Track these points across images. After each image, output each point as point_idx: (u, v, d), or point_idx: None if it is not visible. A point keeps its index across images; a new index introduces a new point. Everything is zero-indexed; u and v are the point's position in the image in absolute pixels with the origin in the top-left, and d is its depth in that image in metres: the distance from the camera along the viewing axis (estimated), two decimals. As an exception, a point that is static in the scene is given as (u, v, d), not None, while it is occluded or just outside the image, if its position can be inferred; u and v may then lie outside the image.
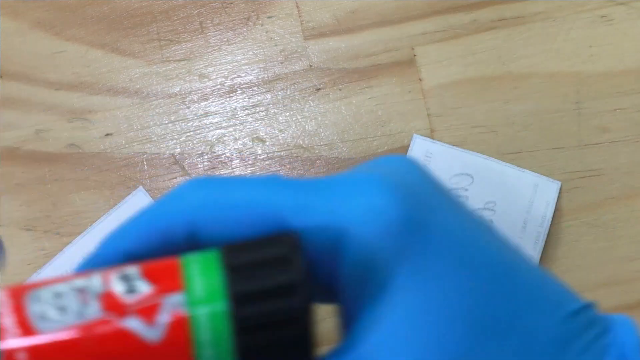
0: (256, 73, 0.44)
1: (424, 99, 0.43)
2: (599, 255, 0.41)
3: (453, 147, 0.41)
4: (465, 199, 0.40)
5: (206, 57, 0.44)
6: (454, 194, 0.23)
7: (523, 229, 0.40)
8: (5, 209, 0.42)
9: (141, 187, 0.42)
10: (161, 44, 0.44)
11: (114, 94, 0.43)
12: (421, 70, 0.43)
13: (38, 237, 0.42)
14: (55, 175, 0.42)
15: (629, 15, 0.43)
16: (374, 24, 0.43)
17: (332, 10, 0.44)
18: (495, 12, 0.43)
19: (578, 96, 0.43)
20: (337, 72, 0.43)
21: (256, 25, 0.44)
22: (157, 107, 0.43)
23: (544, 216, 0.40)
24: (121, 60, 0.44)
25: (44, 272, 0.41)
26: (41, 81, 0.43)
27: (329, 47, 0.43)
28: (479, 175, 0.41)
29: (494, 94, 0.42)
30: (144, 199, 0.42)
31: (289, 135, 0.43)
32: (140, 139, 0.43)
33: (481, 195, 0.41)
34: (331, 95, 0.43)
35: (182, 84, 0.43)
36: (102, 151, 0.43)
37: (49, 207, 0.42)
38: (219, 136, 0.43)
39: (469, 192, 0.40)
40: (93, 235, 0.42)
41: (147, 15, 0.44)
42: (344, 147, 0.43)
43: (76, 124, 0.43)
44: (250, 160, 0.43)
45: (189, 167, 0.43)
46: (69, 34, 0.44)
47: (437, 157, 0.41)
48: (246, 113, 0.43)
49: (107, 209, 0.42)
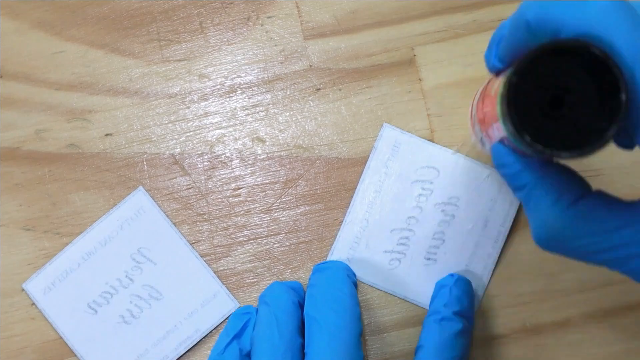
0: (256, 73, 0.43)
1: (424, 99, 0.43)
2: (599, 255, 0.41)
3: (421, 139, 0.42)
4: (429, 192, 0.41)
5: (206, 57, 0.44)
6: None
7: (484, 226, 0.41)
8: (5, 209, 0.42)
9: (141, 187, 0.42)
10: (161, 44, 0.44)
11: (114, 94, 0.43)
12: (421, 70, 0.43)
13: (38, 237, 0.42)
14: (55, 175, 0.42)
15: (629, 15, 0.43)
16: (374, 24, 0.43)
17: (332, 10, 0.44)
18: (495, 12, 0.43)
19: (578, 96, 0.43)
20: (337, 72, 0.43)
21: (256, 25, 0.44)
22: (157, 107, 0.43)
23: (507, 215, 0.40)
24: (121, 60, 0.44)
25: (44, 271, 0.41)
26: (41, 81, 0.43)
27: (329, 47, 0.43)
28: (445, 169, 0.41)
29: (494, 94, 0.42)
30: (144, 199, 0.42)
31: (289, 135, 0.43)
32: (140, 139, 0.43)
33: (446, 189, 0.41)
34: (331, 95, 0.43)
35: (182, 84, 0.43)
36: (102, 151, 0.43)
37: (48, 207, 0.42)
38: (219, 136, 0.43)
39: (433, 185, 0.41)
40: (93, 235, 0.42)
41: (147, 15, 0.44)
42: (344, 147, 0.43)
43: (76, 124, 0.43)
44: (250, 160, 0.43)
45: (189, 167, 0.43)
46: (69, 34, 0.44)
47: (405, 148, 0.41)
48: (246, 113, 0.43)
49: (107, 209, 0.42)
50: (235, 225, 0.42)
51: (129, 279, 0.41)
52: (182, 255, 0.41)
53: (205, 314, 0.41)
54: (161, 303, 0.41)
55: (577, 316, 0.41)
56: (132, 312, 0.41)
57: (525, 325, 0.41)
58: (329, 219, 0.42)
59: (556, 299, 0.41)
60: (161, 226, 0.42)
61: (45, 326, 0.41)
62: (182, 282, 0.41)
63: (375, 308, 0.41)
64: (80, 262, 0.41)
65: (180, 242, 0.42)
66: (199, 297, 0.41)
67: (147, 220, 0.42)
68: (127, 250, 0.41)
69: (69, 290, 0.41)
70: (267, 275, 0.42)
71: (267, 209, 0.42)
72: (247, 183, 0.42)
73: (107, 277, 0.41)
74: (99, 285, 0.41)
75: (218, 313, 0.41)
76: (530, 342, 0.41)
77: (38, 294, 0.41)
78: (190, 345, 0.41)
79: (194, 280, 0.41)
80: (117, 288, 0.41)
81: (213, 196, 0.42)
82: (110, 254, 0.41)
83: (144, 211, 0.42)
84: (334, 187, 0.42)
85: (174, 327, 0.41)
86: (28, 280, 0.41)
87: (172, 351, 0.41)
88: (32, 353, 0.41)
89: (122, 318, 0.41)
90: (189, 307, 0.41)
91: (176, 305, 0.41)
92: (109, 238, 0.41)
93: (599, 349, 0.41)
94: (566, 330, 0.41)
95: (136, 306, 0.41)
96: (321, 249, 0.42)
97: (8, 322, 0.41)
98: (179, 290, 0.41)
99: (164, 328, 0.41)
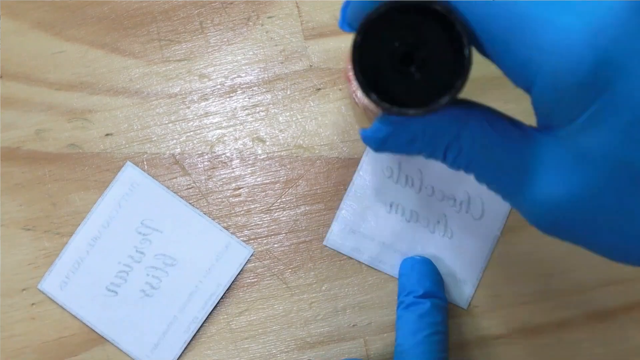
0: (256, 73, 0.43)
1: (424, 99, 0.43)
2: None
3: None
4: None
5: (206, 57, 0.44)
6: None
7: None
8: (5, 209, 0.42)
9: (128, 161, 0.42)
10: (161, 44, 0.44)
11: (114, 94, 0.43)
12: (421, 70, 0.43)
13: (38, 237, 0.42)
14: (55, 175, 0.42)
15: (629, 15, 0.43)
16: (374, 24, 0.43)
17: (332, 10, 0.44)
18: (496, 12, 0.43)
19: (578, 96, 0.43)
20: (337, 72, 0.43)
21: (256, 25, 0.44)
22: (157, 107, 0.43)
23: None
24: (121, 60, 0.44)
25: (55, 268, 0.41)
26: (41, 81, 0.43)
27: (329, 47, 0.43)
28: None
29: (494, 94, 0.42)
30: (134, 172, 0.42)
31: (289, 135, 0.43)
32: (140, 139, 0.43)
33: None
34: (331, 95, 0.43)
35: (182, 84, 0.43)
36: (102, 151, 0.43)
37: (48, 207, 0.42)
38: (219, 136, 0.43)
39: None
40: (93, 220, 0.42)
41: (147, 15, 0.44)
42: (344, 147, 0.43)
43: (76, 124, 0.43)
44: (250, 160, 0.43)
45: (189, 167, 0.43)
46: (69, 34, 0.44)
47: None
48: (246, 113, 0.43)
49: (107, 209, 0.42)
50: (235, 225, 0.42)
51: (140, 253, 0.41)
52: (185, 216, 0.42)
53: (222, 267, 0.41)
54: (177, 268, 0.41)
55: (577, 316, 0.41)
56: (151, 284, 0.41)
57: (525, 325, 0.41)
58: (329, 219, 0.42)
59: (556, 299, 0.41)
60: (158, 194, 0.42)
61: (45, 326, 0.41)
62: (192, 242, 0.42)
63: (376, 308, 0.41)
64: (88, 249, 0.41)
65: (179, 204, 0.42)
66: (212, 252, 0.41)
67: (143, 191, 0.42)
68: (131, 225, 0.42)
69: (84, 279, 0.41)
70: (267, 275, 0.42)
71: (267, 209, 0.42)
72: (248, 183, 0.42)
73: (118, 256, 0.41)
74: (112, 267, 0.41)
75: (235, 262, 0.41)
76: (530, 342, 0.41)
77: (55, 291, 0.41)
78: (216, 300, 0.41)
79: (202, 238, 0.42)
80: (131, 265, 0.41)
81: (213, 196, 0.42)
82: (115, 233, 0.42)
83: (138, 184, 0.42)
84: (334, 187, 0.42)
85: (196, 287, 0.41)
86: (42, 281, 0.41)
87: (200, 311, 0.41)
88: (32, 353, 0.41)
89: (143, 292, 0.41)
90: (205, 265, 0.41)
91: (192, 266, 0.41)
92: (110, 218, 0.42)
93: (599, 349, 0.41)
94: (566, 330, 0.41)
95: (154, 277, 0.41)
96: (321, 249, 0.42)
97: (8, 322, 0.41)
98: (191, 251, 0.41)
99: (186, 291, 0.41)
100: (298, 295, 0.42)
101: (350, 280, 0.42)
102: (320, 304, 0.42)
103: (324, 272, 0.42)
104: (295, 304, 0.42)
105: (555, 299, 0.41)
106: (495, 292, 0.41)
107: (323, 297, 0.42)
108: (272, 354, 0.41)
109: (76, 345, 0.41)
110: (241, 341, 0.41)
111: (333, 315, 0.42)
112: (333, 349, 0.41)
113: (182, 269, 0.41)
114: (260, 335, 0.41)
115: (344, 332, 0.41)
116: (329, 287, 0.42)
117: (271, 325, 0.42)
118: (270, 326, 0.41)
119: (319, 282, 0.42)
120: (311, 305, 0.42)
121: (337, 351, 0.41)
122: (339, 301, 0.42)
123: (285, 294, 0.42)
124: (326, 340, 0.41)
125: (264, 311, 0.42)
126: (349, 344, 0.41)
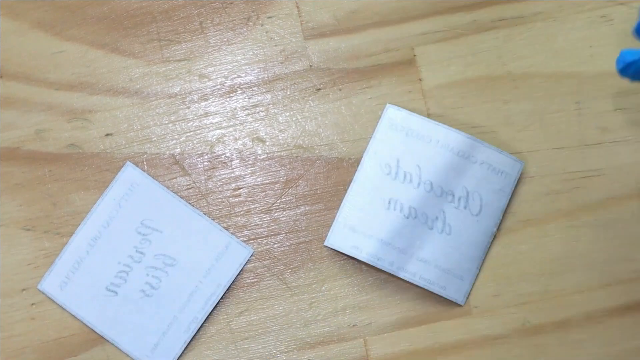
0: (256, 73, 0.43)
1: (424, 99, 0.43)
2: (599, 255, 0.41)
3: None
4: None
5: (206, 57, 0.44)
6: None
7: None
8: (5, 209, 0.42)
9: (128, 161, 0.42)
10: (161, 44, 0.44)
11: (114, 94, 0.43)
12: (421, 70, 0.43)
13: (38, 237, 0.42)
14: (55, 175, 0.42)
15: (629, 15, 0.43)
16: (374, 24, 0.43)
17: (332, 10, 0.44)
18: (495, 12, 0.43)
19: (578, 96, 0.43)
20: (337, 72, 0.43)
21: (256, 25, 0.44)
22: (157, 107, 0.43)
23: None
24: (121, 60, 0.44)
25: (55, 268, 0.41)
26: (41, 81, 0.43)
27: (329, 47, 0.43)
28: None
29: (494, 94, 0.42)
30: (134, 173, 0.42)
31: (289, 135, 0.43)
32: (140, 139, 0.43)
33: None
34: (331, 95, 0.43)
35: (182, 84, 0.43)
36: (102, 151, 0.43)
37: (48, 207, 0.42)
38: (219, 136, 0.43)
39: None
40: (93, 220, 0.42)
41: (147, 15, 0.44)
42: (344, 147, 0.43)
43: (76, 124, 0.43)
44: (250, 160, 0.43)
45: (189, 167, 0.43)
46: (69, 34, 0.44)
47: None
48: (246, 113, 0.43)
49: (107, 209, 0.42)
50: (235, 225, 0.42)
51: (140, 253, 0.41)
52: (185, 217, 0.42)
53: (222, 267, 0.41)
54: (177, 268, 0.41)
55: (577, 316, 0.41)
56: (151, 284, 0.41)
57: (525, 325, 0.41)
58: (329, 219, 0.42)
59: (556, 299, 0.41)
60: (158, 194, 0.42)
61: (45, 326, 0.41)
62: (191, 242, 0.41)
63: (376, 308, 0.41)
64: (88, 249, 0.41)
65: (179, 204, 0.42)
66: (212, 253, 0.41)
67: (143, 192, 0.42)
68: (131, 225, 0.42)
69: (84, 279, 0.41)
70: (267, 276, 0.42)
71: (267, 209, 0.42)
72: (247, 183, 0.42)
73: (118, 256, 0.41)
74: (112, 267, 0.41)
75: (235, 263, 0.41)
76: (530, 342, 0.41)
77: (55, 291, 0.41)
78: (216, 301, 0.41)
79: (202, 238, 0.42)
80: (130, 265, 0.41)
81: (213, 196, 0.42)
82: (115, 233, 0.42)
83: (137, 184, 0.42)
84: (334, 187, 0.42)
85: (196, 287, 0.41)
86: (42, 281, 0.41)
87: (200, 311, 0.41)
88: (32, 353, 0.41)
89: (142, 292, 0.41)
90: (205, 265, 0.41)
91: (192, 267, 0.41)
92: (110, 219, 0.42)
93: (599, 349, 0.41)
94: (566, 330, 0.41)
95: (154, 277, 0.41)
96: (321, 249, 0.42)
97: (8, 322, 0.41)
98: (190, 251, 0.41)
99: (186, 291, 0.41)
100: (298, 296, 0.42)
101: (350, 280, 0.42)
102: (320, 304, 0.42)
103: (324, 272, 0.42)
104: (295, 304, 0.42)
105: (555, 299, 0.41)
106: (495, 292, 0.41)
107: (323, 297, 0.42)
108: (272, 354, 0.41)
109: (76, 345, 0.41)
110: (241, 341, 0.41)
111: (333, 315, 0.42)
112: (333, 349, 0.41)
113: (182, 269, 0.41)
114: (260, 335, 0.41)
115: (344, 332, 0.41)
116: (329, 287, 0.42)
117: (271, 325, 0.42)
118: (270, 326, 0.41)
119: (319, 282, 0.42)
120: (311, 306, 0.42)
121: (337, 351, 0.41)
122: (339, 301, 0.42)
123: (285, 294, 0.42)
124: (326, 340, 0.41)
125: (264, 311, 0.42)
126: (349, 344, 0.41)
